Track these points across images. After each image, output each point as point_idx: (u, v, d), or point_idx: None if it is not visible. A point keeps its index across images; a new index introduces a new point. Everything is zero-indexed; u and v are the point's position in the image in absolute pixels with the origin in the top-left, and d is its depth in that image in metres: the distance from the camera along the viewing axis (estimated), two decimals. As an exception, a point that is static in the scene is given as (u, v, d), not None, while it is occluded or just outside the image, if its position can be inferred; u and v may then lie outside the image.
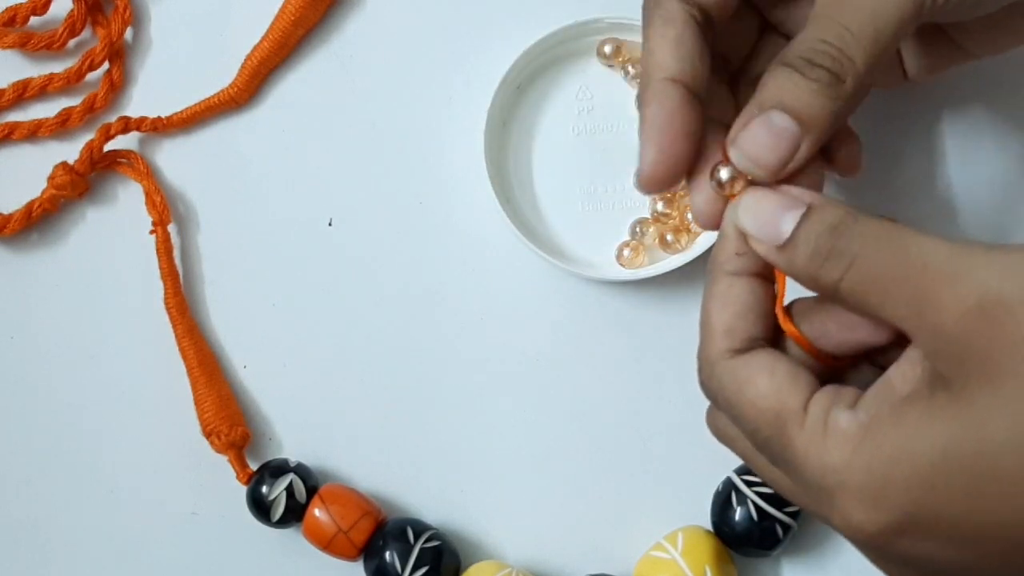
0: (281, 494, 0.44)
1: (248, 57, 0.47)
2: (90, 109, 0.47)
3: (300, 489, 0.44)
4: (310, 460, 0.46)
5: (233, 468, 0.45)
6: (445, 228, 0.47)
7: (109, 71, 0.47)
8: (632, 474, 0.46)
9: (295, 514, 0.44)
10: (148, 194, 0.47)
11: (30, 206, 0.46)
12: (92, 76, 0.47)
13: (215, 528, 0.46)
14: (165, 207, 0.46)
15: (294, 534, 0.45)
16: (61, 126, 0.47)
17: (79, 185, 0.46)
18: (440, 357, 0.46)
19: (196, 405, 0.45)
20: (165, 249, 0.46)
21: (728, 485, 0.44)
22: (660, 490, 0.46)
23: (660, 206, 0.45)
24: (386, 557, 0.43)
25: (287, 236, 0.47)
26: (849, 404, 0.31)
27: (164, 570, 0.46)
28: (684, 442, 0.45)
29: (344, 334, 0.47)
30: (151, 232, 0.46)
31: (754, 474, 0.43)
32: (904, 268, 0.30)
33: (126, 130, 0.47)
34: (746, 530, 0.43)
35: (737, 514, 0.43)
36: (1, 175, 0.47)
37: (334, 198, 0.47)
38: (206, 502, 0.46)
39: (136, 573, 0.46)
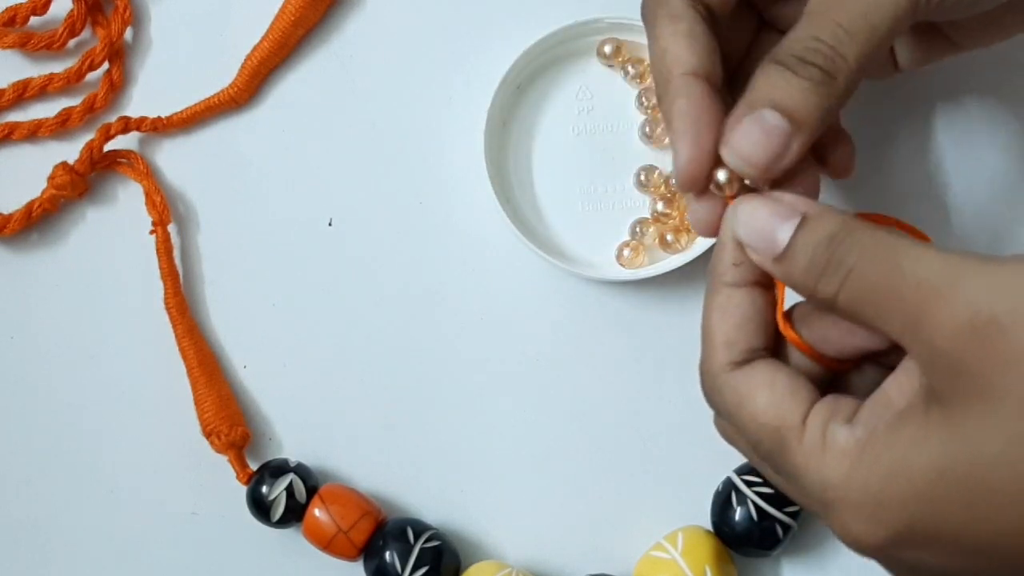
0: (281, 494, 0.44)
1: (248, 57, 0.47)
2: (90, 109, 0.47)
3: (300, 489, 0.44)
4: (310, 460, 0.46)
5: (233, 468, 0.45)
6: (445, 228, 0.47)
7: (109, 71, 0.47)
8: (632, 474, 0.46)
9: (295, 514, 0.44)
10: (148, 194, 0.47)
11: (30, 206, 0.46)
12: (92, 76, 0.47)
13: (215, 528, 0.46)
14: (165, 207, 0.46)
15: (294, 534, 0.45)
16: (61, 126, 0.47)
17: (79, 185, 0.46)
18: (440, 357, 0.46)
19: (196, 405, 0.45)
20: (165, 249, 0.46)
21: (728, 485, 0.44)
22: (660, 490, 0.46)
23: (660, 206, 0.45)
24: (386, 557, 0.43)
25: (287, 236, 0.47)
26: (847, 418, 0.31)
27: (164, 570, 0.46)
28: (684, 442, 0.45)
29: (344, 334, 0.47)
30: (151, 232, 0.46)
31: (754, 474, 0.43)
32: (898, 283, 0.29)
33: (126, 130, 0.47)
34: (746, 530, 0.43)
35: (737, 514, 0.43)
36: (1, 175, 0.47)
37: (334, 198, 0.47)
38: (206, 502, 0.46)
39: (136, 573, 0.46)
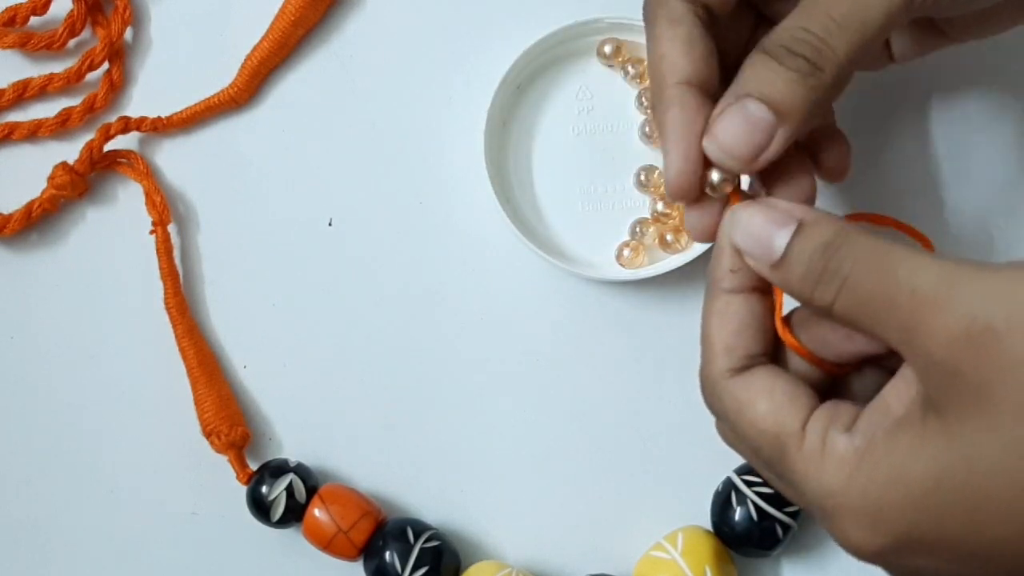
0: (281, 494, 0.44)
1: (248, 57, 0.47)
2: (90, 109, 0.47)
3: (300, 489, 0.44)
4: (310, 460, 0.46)
5: (233, 468, 0.45)
6: (445, 228, 0.47)
7: (109, 71, 0.47)
8: (632, 474, 0.46)
9: (295, 514, 0.44)
10: (148, 194, 0.47)
11: (30, 206, 0.46)
12: (92, 76, 0.47)
13: (215, 528, 0.46)
14: (165, 207, 0.46)
15: (294, 534, 0.45)
16: (61, 126, 0.47)
17: (79, 185, 0.46)
18: (440, 357, 0.46)
19: (196, 405, 0.45)
20: (165, 249, 0.46)
21: (728, 485, 0.44)
22: (660, 490, 0.46)
23: (660, 206, 0.45)
24: (386, 557, 0.43)
25: (287, 236, 0.47)
26: (846, 425, 0.31)
27: (164, 570, 0.46)
28: (684, 442, 0.45)
29: (344, 334, 0.47)
30: (151, 232, 0.46)
31: (754, 474, 0.43)
32: (893, 293, 0.29)
33: (126, 130, 0.47)
34: (746, 530, 0.43)
35: (737, 514, 0.43)
36: (1, 175, 0.47)
37: (334, 198, 0.47)
38: (206, 502, 0.46)
39: (136, 573, 0.46)
